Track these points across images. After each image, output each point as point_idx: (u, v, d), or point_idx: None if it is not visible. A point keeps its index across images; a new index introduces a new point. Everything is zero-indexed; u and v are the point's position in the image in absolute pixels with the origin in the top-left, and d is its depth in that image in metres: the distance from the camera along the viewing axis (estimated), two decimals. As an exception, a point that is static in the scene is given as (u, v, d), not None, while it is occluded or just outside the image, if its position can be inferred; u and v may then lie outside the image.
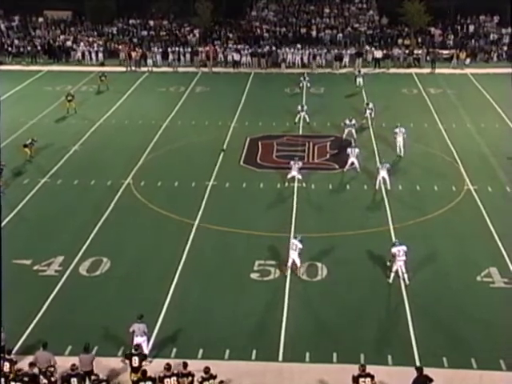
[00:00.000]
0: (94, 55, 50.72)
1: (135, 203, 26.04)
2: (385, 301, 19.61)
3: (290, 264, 20.84)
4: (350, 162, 28.34)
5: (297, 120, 34.88)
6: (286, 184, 27.21)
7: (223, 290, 20.05)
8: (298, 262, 20.78)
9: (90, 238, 23.22)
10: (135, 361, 15.80)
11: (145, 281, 20.58)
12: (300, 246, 20.70)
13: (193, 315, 18.83)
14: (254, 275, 20.80)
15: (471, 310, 19.01)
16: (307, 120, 34.78)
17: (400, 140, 30.29)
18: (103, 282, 20.65)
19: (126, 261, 21.77)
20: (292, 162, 27.24)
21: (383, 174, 26.62)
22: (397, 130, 30.43)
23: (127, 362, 16.00)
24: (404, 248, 20.11)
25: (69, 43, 52.63)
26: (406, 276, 20.16)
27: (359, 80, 41.85)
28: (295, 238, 21.25)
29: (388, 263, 20.69)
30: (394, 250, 20.25)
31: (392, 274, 20.31)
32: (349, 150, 28.67)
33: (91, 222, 24.31)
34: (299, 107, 35.07)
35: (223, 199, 26.37)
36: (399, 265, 20.12)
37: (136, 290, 20.10)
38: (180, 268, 21.21)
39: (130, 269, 21.29)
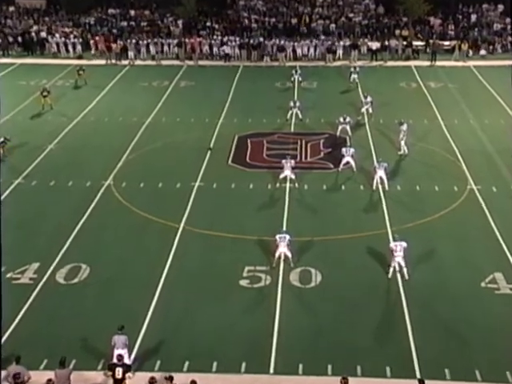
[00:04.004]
0: (70, 47, 50.60)
1: (116, 206, 25.98)
2: (382, 308, 19.66)
3: (277, 256, 21.24)
4: (344, 161, 28.39)
5: (288, 116, 34.92)
6: (278, 184, 27.22)
7: (210, 298, 20.04)
8: (289, 254, 21.21)
9: (68, 243, 23.15)
10: (118, 372, 15.76)
11: (126, 289, 20.54)
12: (289, 237, 21.14)
13: (178, 325, 18.82)
14: (243, 282, 20.81)
15: (475, 318, 19.07)
16: (300, 116, 34.82)
17: (404, 138, 30.38)
18: (82, 290, 20.57)
19: (106, 267, 21.71)
20: (284, 161, 27.24)
21: (380, 173, 26.71)
22: (403, 127, 30.47)
23: (110, 373, 15.95)
24: (403, 244, 20.40)
25: (43, 34, 52.43)
26: (404, 270, 20.40)
27: (354, 76, 41.48)
28: (282, 232, 21.58)
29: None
30: (392, 244, 20.66)
31: (391, 269, 20.67)
32: (343, 149, 28.72)
33: (69, 225, 24.24)
34: (291, 103, 35.11)
35: (210, 201, 26.36)
36: (397, 261, 20.39)
37: (117, 298, 20.07)
38: (164, 275, 21.18)
39: (110, 276, 21.24)
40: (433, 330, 18.53)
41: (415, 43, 49.74)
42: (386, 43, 49.09)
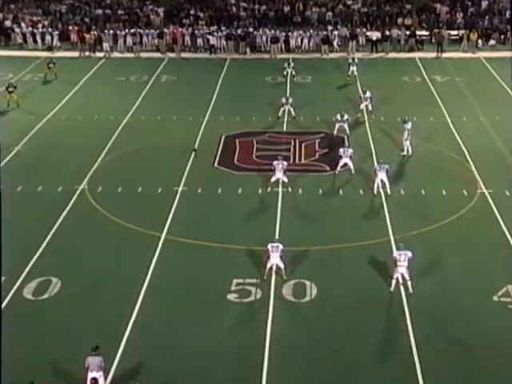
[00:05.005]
0: (39, 38, 50.54)
1: (91, 213, 25.95)
2: (384, 324, 19.70)
3: (268, 267, 21.28)
4: (341, 163, 28.48)
5: (280, 114, 34.99)
6: (269, 189, 27.28)
7: (195, 314, 20.03)
8: (281, 265, 21.27)
9: (37, 254, 23.11)
10: (92, 398, 15.77)
11: (102, 305, 20.51)
12: (281, 246, 21.24)
13: (159, 344, 18.78)
14: (231, 296, 20.81)
15: (486, 334, 19.10)
16: (293, 114, 34.88)
17: (408, 137, 30.39)
18: (52, 306, 20.53)
19: (79, 281, 21.66)
20: (275, 163, 27.28)
21: (382, 176, 26.77)
22: (407, 126, 30.45)
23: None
24: (408, 254, 20.49)
25: (8, 23, 52.38)
26: (409, 284, 20.51)
27: (353, 69, 41.69)
28: (274, 241, 21.64)
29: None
30: (396, 254, 20.75)
31: (393, 282, 20.73)
32: (341, 150, 28.81)
33: (38, 235, 24.22)
34: (283, 99, 35.16)
35: (195, 207, 26.39)
36: (400, 272, 20.49)
37: (91, 315, 20.01)
38: (144, 289, 21.15)
39: (84, 291, 21.19)
40: (439, 348, 18.54)
41: (419, 33, 49.92)
42: (388, 33, 49.28)
